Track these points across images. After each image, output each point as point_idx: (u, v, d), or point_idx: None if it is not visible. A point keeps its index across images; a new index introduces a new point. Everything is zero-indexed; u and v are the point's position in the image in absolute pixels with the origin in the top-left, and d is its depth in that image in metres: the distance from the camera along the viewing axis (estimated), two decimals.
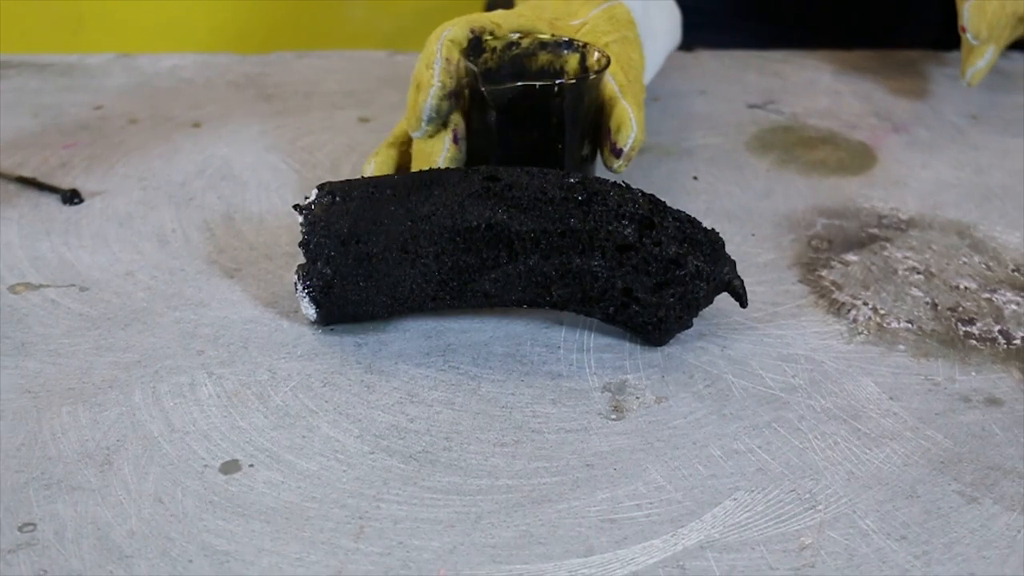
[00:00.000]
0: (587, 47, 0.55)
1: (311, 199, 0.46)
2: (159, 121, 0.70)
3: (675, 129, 0.70)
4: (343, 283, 0.45)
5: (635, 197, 0.45)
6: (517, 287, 0.45)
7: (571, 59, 0.55)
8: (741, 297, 0.47)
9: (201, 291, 0.51)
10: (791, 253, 0.55)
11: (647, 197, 0.46)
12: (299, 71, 0.78)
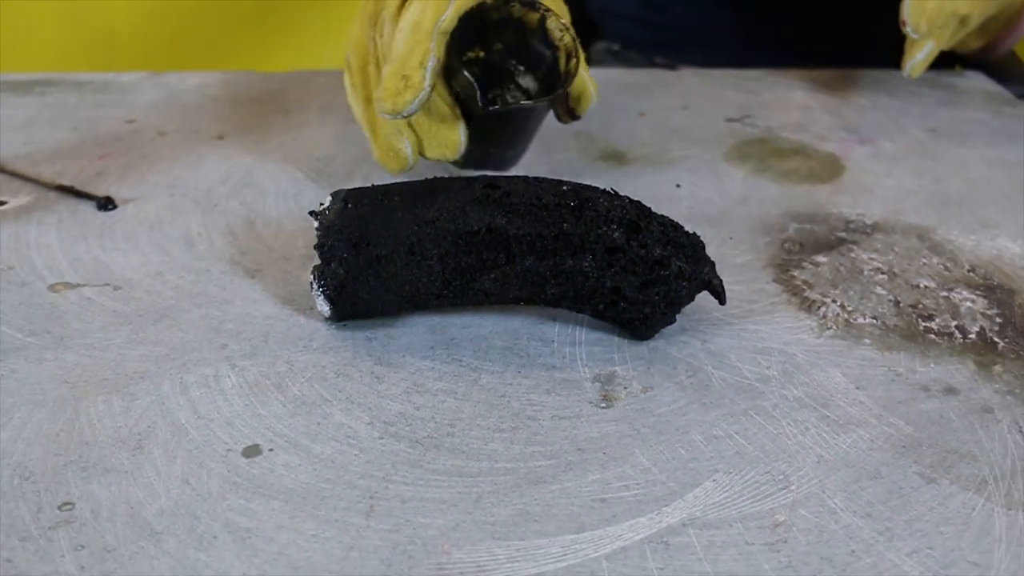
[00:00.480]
0: (548, 12, 0.54)
1: (325, 205, 0.46)
2: (186, 134, 0.70)
3: (659, 141, 0.70)
4: (355, 283, 0.45)
5: (623, 203, 0.45)
6: (515, 286, 0.45)
7: (531, 16, 0.54)
8: (720, 295, 0.47)
9: (225, 290, 0.51)
10: (766, 255, 0.55)
11: (634, 203, 0.46)
12: (315, 88, 0.78)
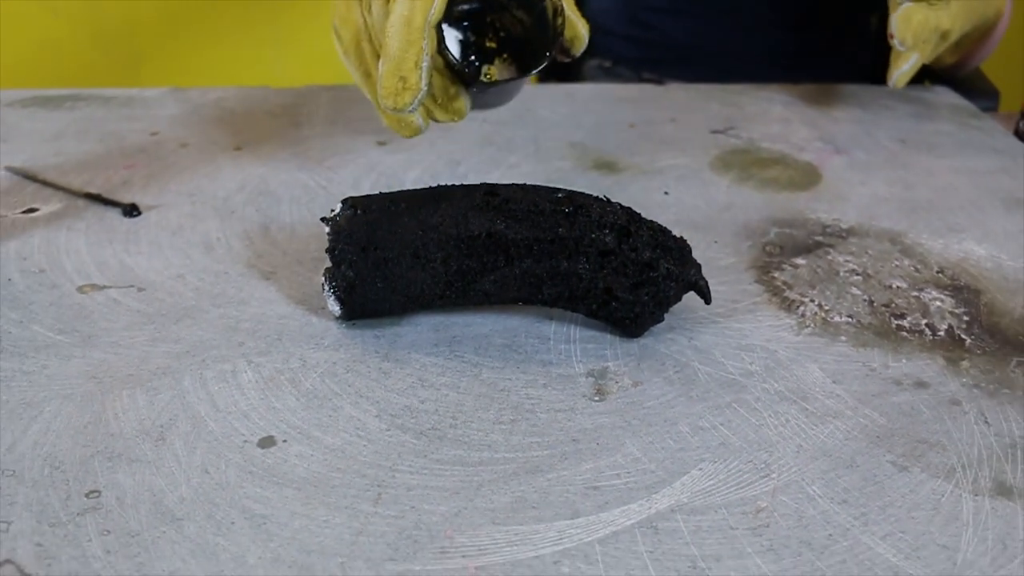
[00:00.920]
0: None
1: (336, 212, 0.46)
2: (206, 145, 0.69)
3: (649, 151, 0.70)
4: (363, 284, 0.45)
5: (614, 209, 0.45)
6: (513, 287, 0.45)
7: None
8: (706, 295, 0.47)
9: (242, 291, 0.51)
10: (748, 257, 0.55)
11: (625, 209, 0.46)
12: (325, 102, 0.78)
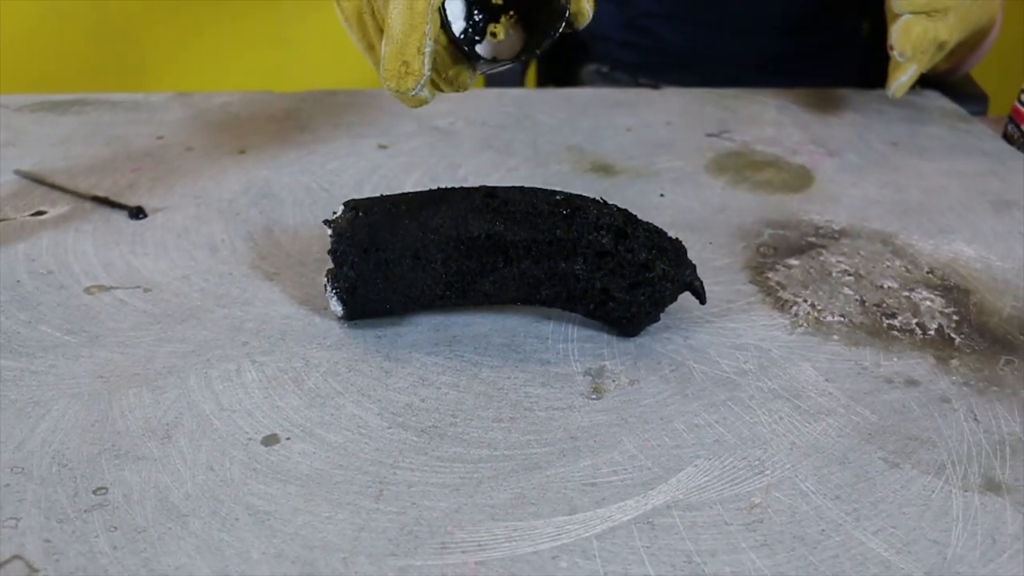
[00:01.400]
0: None
1: (338, 214, 0.46)
2: (210, 149, 0.69)
3: (645, 154, 0.70)
4: (365, 285, 0.45)
5: (611, 211, 0.45)
6: (512, 288, 0.45)
7: None
8: (701, 295, 0.47)
9: (246, 292, 0.51)
10: (743, 258, 0.55)
11: (621, 211, 0.46)
12: (327, 106, 0.78)
